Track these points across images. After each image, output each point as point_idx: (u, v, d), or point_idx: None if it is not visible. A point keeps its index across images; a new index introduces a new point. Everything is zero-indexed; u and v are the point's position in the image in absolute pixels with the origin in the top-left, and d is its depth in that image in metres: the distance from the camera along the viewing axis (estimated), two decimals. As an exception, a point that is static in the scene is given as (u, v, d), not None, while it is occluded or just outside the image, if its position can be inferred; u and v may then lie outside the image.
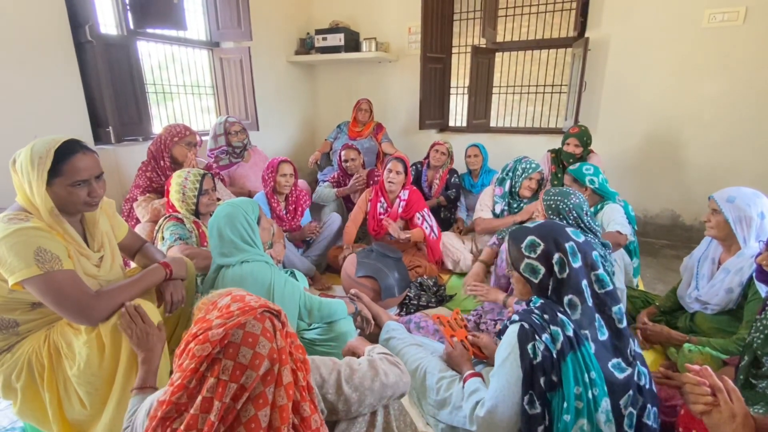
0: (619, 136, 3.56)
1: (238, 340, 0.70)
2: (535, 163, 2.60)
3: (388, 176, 2.67)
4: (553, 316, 1.10)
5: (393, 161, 2.70)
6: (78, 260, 1.24)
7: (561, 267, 1.12)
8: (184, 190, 1.92)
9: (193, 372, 0.69)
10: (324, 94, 4.72)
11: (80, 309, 1.16)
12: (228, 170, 3.04)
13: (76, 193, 1.22)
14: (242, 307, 0.75)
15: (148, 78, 3.04)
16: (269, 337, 0.73)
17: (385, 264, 2.24)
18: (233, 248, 1.51)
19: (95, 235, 1.34)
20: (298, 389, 0.76)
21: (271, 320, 0.76)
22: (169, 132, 2.39)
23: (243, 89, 3.58)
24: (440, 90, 4.14)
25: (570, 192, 1.84)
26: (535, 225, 1.21)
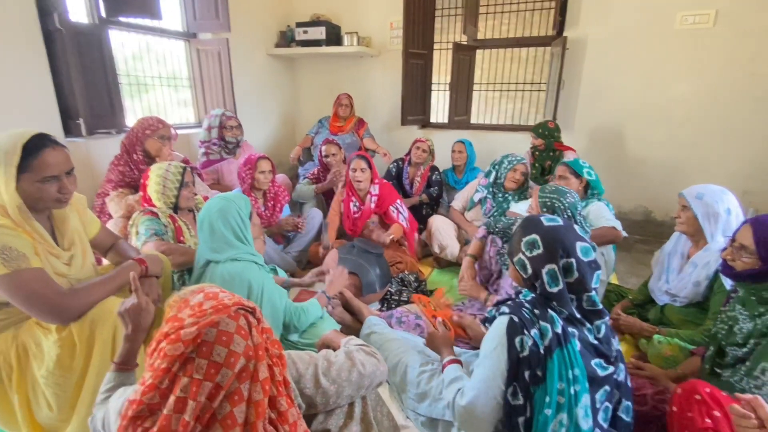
0: (595, 133, 3.65)
1: (211, 339, 0.69)
2: (520, 157, 2.66)
3: (354, 175, 2.66)
4: (543, 311, 1.10)
5: (355, 159, 2.68)
6: (47, 259, 1.20)
7: (551, 279, 1.10)
8: (165, 182, 1.88)
9: (165, 372, 0.68)
10: (305, 89, 4.66)
11: (51, 308, 1.12)
12: (217, 165, 2.98)
13: (46, 189, 1.18)
14: (215, 305, 0.73)
15: (122, 69, 2.94)
16: (244, 335, 0.72)
17: (366, 260, 2.24)
18: (224, 244, 1.48)
19: (65, 232, 1.30)
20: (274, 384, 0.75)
21: (246, 317, 0.75)
22: (142, 125, 2.32)
23: (221, 82, 3.51)
24: (422, 86, 4.15)
25: (566, 191, 1.87)
26: (549, 224, 1.15)
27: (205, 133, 2.99)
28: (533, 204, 1.93)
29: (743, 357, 1.26)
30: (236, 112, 3.55)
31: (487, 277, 2.20)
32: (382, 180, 2.84)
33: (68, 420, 1.19)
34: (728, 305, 1.40)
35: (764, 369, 1.15)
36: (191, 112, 3.68)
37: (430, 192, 3.33)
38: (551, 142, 3.09)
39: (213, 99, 3.58)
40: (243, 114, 3.69)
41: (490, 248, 2.16)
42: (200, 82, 3.57)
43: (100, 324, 1.17)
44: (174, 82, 3.47)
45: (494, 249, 2.14)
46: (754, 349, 1.22)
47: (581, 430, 1.05)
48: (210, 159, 2.99)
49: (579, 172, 2.33)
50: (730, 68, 3.15)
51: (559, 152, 3.12)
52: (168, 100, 3.42)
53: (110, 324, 1.18)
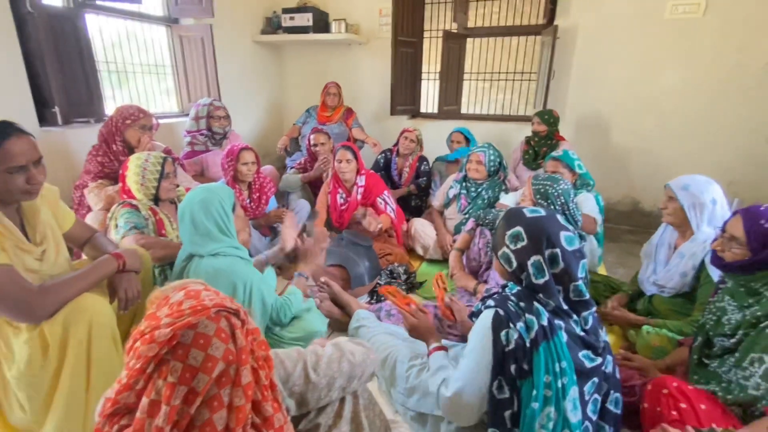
0: (585, 123, 3.64)
1: (188, 342, 0.66)
2: (480, 147, 2.66)
3: (339, 167, 2.63)
4: (529, 304, 1.09)
5: (341, 150, 2.65)
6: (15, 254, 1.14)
7: (537, 271, 1.09)
8: (144, 173, 1.82)
9: (139, 372, 0.65)
10: (292, 77, 4.57)
11: (20, 306, 1.07)
12: (203, 156, 2.92)
13: (12, 180, 1.12)
14: (194, 305, 0.70)
15: (101, 56, 2.83)
16: (224, 338, 0.69)
17: (355, 252, 2.22)
18: (206, 237, 1.45)
19: (36, 226, 1.24)
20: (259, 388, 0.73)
21: (228, 319, 0.72)
22: (121, 114, 2.25)
23: (205, 70, 3.41)
24: (412, 75, 4.10)
25: (559, 178, 1.87)
26: (532, 216, 1.14)
27: (192, 123, 2.91)
28: (526, 192, 1.92)
29: (731, 348, 1.26)
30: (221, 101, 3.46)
31: (475, 269, 2.19)
32: (368, 171, 2.81)
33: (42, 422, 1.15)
34: (716, 296, 1.41)
35: (753, 360, 1.16)
36: (174, 101, 3.58)
37: (418, 183, 3.30)
38: (553, 131, 3.14)
39: (196, 88, 3.48)
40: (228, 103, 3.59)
41: (478, 240, 2.15)
42: (183, 70, 3.47)
43: (74, 323, 1.13)
44: (156, 69, 3.37)
45: (483, 241, 2.13)
46: (743, 340, 1.23)
47: (570, 424, 1.04)
48: (194, 150, 2.91)
49: (571, 166, 2.33)
50: (719, 58, 3.16)
51: (556, 141, 3.14)
52: (150, 89, 3.32)
53: (85, 322, 1.14)
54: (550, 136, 3.14)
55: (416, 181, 3.31)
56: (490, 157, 2.62)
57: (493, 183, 2.66)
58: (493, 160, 2.63)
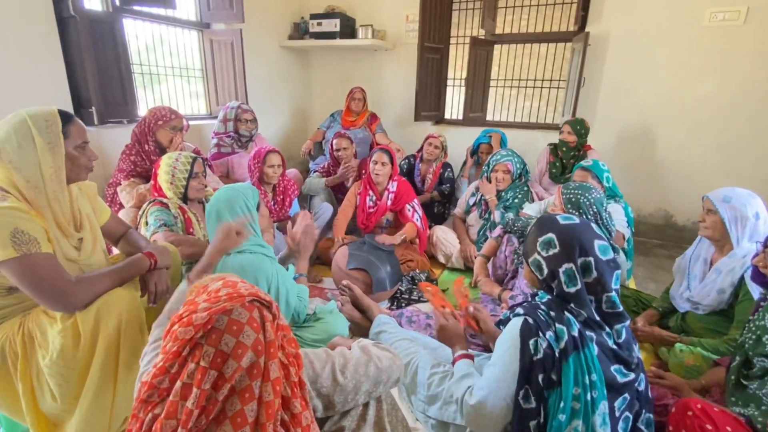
0: (615, 133, 3.57)
1: (222, 327, 0.69)
2: (505, 155, 2.65)
3: (374, 168, 2.65)
4: (559, 313, 1.08)
5: (377, 152, 2.67)
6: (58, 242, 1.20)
7: (569, 279, 1.08)
8: (174, 172, 1.89)
9: (175, 356, 0.68)
10: (317, 82, 4.65)
11: (58, 295, 1.12)
12: (229, 158, 3.00)
13: (84, 154, 1.25)
14: (231, 293, 0.73)
15: (134, 59, 2.96)
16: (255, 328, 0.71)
17: (377, 257, 2.23)
18: None
19: (77, 213, 1.31)
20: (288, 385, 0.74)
21: (260, 310, 0.74)
22: (154, 115, 2.34)
23: (234, 73, 3.51)
24: (437, 81, 4.11)
25: (591, 187, 1.85)
26: (565, 222, 1.13)
27: (220, 125, 3.00)
28: (556, 202, 1.90)
29: (773, 369, 1.21)
30: (248, 104, 3.55)
31: (500, 277, 2.17)
32: (401, 177, 2.82)
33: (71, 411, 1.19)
34: (757, 314, 1.35)
35: (797, 382, 1.11)
36: (203, 104, 3.69)
37: (441, 189, 3.30)
38: (583, 142, 3.05)
39: (225, 91, 3.59)
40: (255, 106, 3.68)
41: (505, 247, 2.13)
42: (212, 74, 3.58)
43: (105, 316, 1.17)
44: (186, 73, 3.49)
45: (510, 248, 2.11)
46: (786, 361, 1.17)
47: (599, 439, 1.02)
48: (221, 151, 2.99)
49: (600, 177, 2.29)
50: (760, 67, 3.06)
51: (584, 152, 3.08)
52: (180, 91, 3.44)
53: (115, 316, 1.18)
54: (578, 147, 3.08)
55: (440, 188, 3.31)
56: (516, 165, 2.62)
57: (514, 186, 2.64)
58: (519, 167, 2.65)
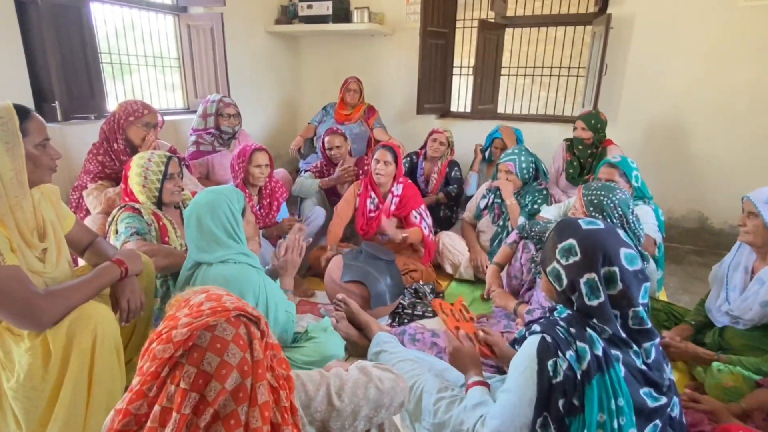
0: (641, 126, 3.59)
1: (204, 344, 0.69)
2: (509, 153, 2.67)
3: (376, 167, 2.66)
4: (580, 330, 1.08)
5: (380, 150, 2.68)
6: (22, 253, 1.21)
7: (590, 291, 1.08)
8: (147, 173, 1.90)
9: (153, 377, 0.69)
10: (308, 71, 4.67)
11: (26, 311, 1.13)
12: (209, 157, 3.01)
13: (45, 153, 1.26)
14: (215, 306, 0.73)
15: (103, 47, 2.97)
16: (242, 346, 0.71)
17: (375, 267, 2.23)
18: (213, 242, 1.49)
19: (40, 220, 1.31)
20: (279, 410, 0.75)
21: (247, 326, 0.74)
22: (125, 110, 2.34)
23: (214, 63, 3.53)
24: (442, 70, 4.13)
25: (615, 187, 1.85)
26: (588, 228, 1.13)
27: (200, 121, 3.01)
28: (577, 204, 1.90)
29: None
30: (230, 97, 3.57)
31: (515, 288, 2.17)
32: (407, 179, 2.83)
33: (38, 439, 1.19)
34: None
35: None
36: (179, 97, 3.70)
37: (448, 190, 3.30)
38: (600, 137, 3.04)
39: (204, 82, 3.60)
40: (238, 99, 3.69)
41: (521, 255, 2.13)
42: (190, 63, 3.60)
43: (78, 332, 1.18)
44: (161, 62, 3.50)
45: (526, 255, 2.12)
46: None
47: (628, 471, 1.02)
48: (200, 150, 3.00)
49: (628, 176, 2.29)
50: (803, 52, 3.08)
51: (603, 149, 3.07)
52: (154, 83, 3.45)
53: (90, 331, 1.19)
54: (596, 143, 3.08)
55: (446, 189, 3.32)
56: (521, 164, 2.61)
57: (531, 189, 2.64)
58: (526, 168, 2.62)
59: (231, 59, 3.59)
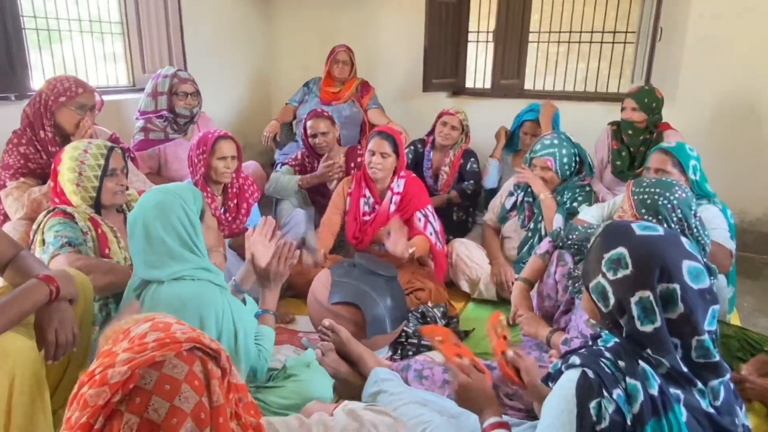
0: (707, 106, 3.60)
1: (149, 386, 0.69)
2: (547, 145, 2.63)
3: (371, 160, 2.66)
4: (631, 363, 1.08)
5: (376, 138, 2.68)
6: None
7: (644, 314, 1.08)
8: (82, 168, 1.89)
9: (85, 430, 0.68)
10: (285, 38, 4.68)
11: None
12: (161, 147, 3.01)
13: None
14: (162, 338, 0.73)
15: (26, 9, 2.97)
16: (197, 387, 0.71)
17: (372, 285, 2.23)
18: (165, 255, 1.49)
19: None
20: None
21: (204, 363, 0.74)
22: (53, 88, 2.35)
23: (166, 28, 3.54)
24: (454, 36, 4.15)
25: (673, 183, 1.85)
26: (643, 234, 1.13)
27: (149, 101, 3.01)
28: (625, 205, 1.90)
29: None
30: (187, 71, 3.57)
31: (549, 311, 2.17)
32: (410, 173, 2.83)
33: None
34: None
35: None
36: (123, 71, 3.70)
37: (462, 187, 3.31)
38: (655, 120, 3.03)
39: (155, 53, 3.61)
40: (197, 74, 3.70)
41: (555, 268, 2.13)
42: (136, 28, 3.60)
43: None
44: (99, 27, 3.50)
45: (562, 270, 2.12)
46: None
47: None
48: (149, 138, 3.00)
49: (684, 165, 2.29)
50: None
51: (658, 134, 3.08)
52: (90, 54, 3.45)
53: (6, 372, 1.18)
54: (650, 127, 3.07)
55: (459, 186, 3.33)
56: (562, 160, 2.61)
57: (571, 185, 2.64)
58: (568, 163, 2.62)
59: (188, 23, 3.60)
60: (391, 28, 4.34)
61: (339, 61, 3.78)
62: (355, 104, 3.85)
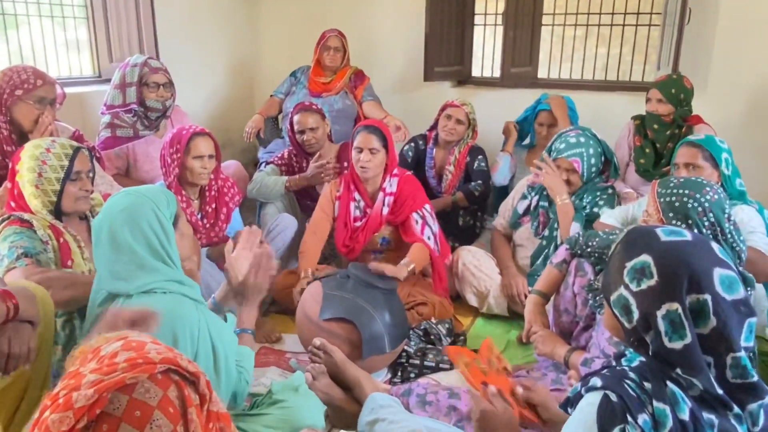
0: (741, 98, 3.61)
1: (118, 412, 0.68)
2: (573, 144, 2.60)
3: (358, 159, 2.67)
4: (658, 385, 1.08)
5: (362, 133, 2.69)
6: None
7: (672, 329, 1.08)
8: (43, 169, 1.89)
9: None
10: (270, 23, 4.69)
11: None
12: (130, 145, 3.01)
13: None
14: (134, 358, 0.73)
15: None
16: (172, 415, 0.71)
17: (368, 299, 2.23)
18: (134, 265, 1.48)
19: None
20: None
21: (181, 387, 0.74)
22: (9, 80, 2.35)
23: (136, 11, 3.54)
24: (458, 18, 4.16)
25: (703, 182, 1.85)
26: (669, 239, 1.13)
27: (116, 94, 3.01)
28: (650, 208, 1.91)
29: None
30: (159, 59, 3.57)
31: (567, 327, 2.17)
32: (403, 171, 2.84)
33: None
34: None
35: None
36: (87, 60, 3.71)
37: (470, 188, 3.31)
38: (684, 113, 3.03)
39: (123, 39, 3.61)
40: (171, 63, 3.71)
41: (574, 279, 2.14)
42: (102, 12, 3.60)
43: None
44: (61, 12, 3.51)
45: (581, 281, 2.12)
46: None
47: None
48: (117, 135, 3.00)
49: (717, 159, 2.30)
50: None
51: (688, 128, 3.09)
52: (51, 41, 3.45)
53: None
54: (678, 121, 3.09)
55: (466, 187, 3.33)
56: (590, 161, 2.59)
57: (592, 187, 2.64)
58: (595, 163, 2.61)
59: (160, 6, 3.60)
60: (389, 11, 4.35)
61: (330, 47, 3.78)
62: (349, 96, 3.86)
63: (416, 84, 4.27)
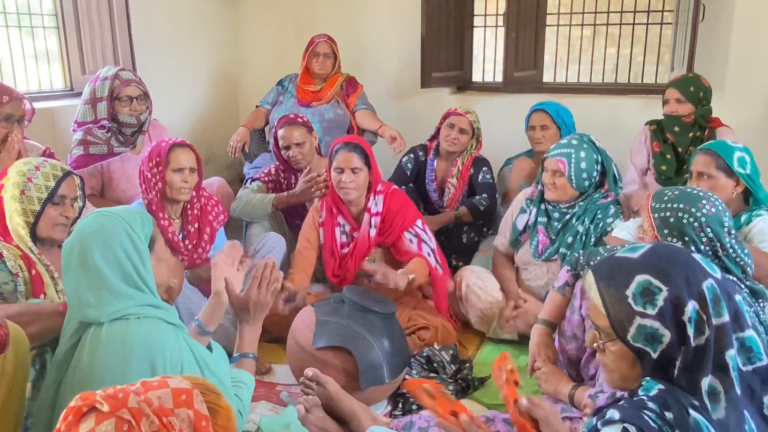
0: (760, 98, 3.63)
1: None
2: (563, 145, 2.61)
3: (339, 179, 2.66)
4: (680, 414, 1.08)
5: (341, 151, 2.67)
6: None
7: (698, 328, 1.10)
8: (27, 186, 1.92)
9: None
10: (254, 29, 4.72)
11: None
12: (104, 163, 3.02)
13: None
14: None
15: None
16: None
17: (365, 325, 2.22)
18: (104, 290, 1.47)
19: None
20: None
21: None
22: (-27, 96, 2.37)
23: (110, 21, 3.56)
24: (457, 20, 4.19)
25: (700, 195, 1.85)
26: (639, 252, 1.17)
27: (86, 109, 3.02)
28: (645, 225, 1.91)
29: None
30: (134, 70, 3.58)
31: (573, 356, 2.17)
32: (389, 185, 2.84)
33: None
34: None
35: None
36: (58, 72, 3.73)
37: (474, 203, 3.32)
38: (705, 112, 3.03)
39: (96, 50, 3.63)
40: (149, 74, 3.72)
41: (580, 302, 2.13)
42: (74, 21, 3.62)
43: None
44: (29, 21, 3.52)
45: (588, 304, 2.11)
46: None
47: None
48: (90, 153, 3.00)
49: (728, 161, 2.30)
50: None
51: (711, 131, 3.09)
52: (19, 52, 3.46)
53: None
54: (699, 121, 3.08)
55: (470, 201, 3.33)
56: (578, 163, 2.57)
57: (593, 204, 2.61)
58: (587, 169, 2.59)
59: (137, 14, 3.62)
60: (382, 12, 4.38)
61: (319, 53, 3.80)
62: (340, 105, 3.87)
63: (413, 91, 4.29)
